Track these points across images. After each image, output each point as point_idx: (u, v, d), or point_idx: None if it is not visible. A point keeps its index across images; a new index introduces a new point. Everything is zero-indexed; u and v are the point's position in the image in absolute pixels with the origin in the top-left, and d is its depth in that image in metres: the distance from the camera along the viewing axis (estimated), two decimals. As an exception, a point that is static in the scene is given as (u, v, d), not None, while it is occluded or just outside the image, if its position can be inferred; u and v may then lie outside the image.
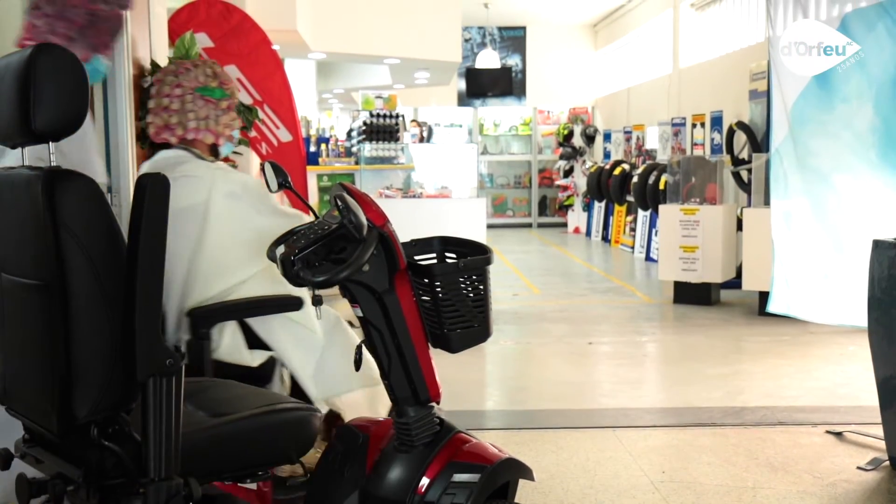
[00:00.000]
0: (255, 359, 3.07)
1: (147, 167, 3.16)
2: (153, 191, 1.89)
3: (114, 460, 1.94)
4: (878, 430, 4.04)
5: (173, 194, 2.01)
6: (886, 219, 4.44)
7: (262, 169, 2.76)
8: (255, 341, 3.07)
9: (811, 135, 4.77)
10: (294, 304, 3.05)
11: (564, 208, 16.61)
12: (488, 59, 17.09)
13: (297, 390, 3.14)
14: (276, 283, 2.90)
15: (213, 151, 3.19)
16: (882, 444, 4.02)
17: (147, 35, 4.02)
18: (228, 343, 3.01)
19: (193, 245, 2.97)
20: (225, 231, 3.00)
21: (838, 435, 4.41)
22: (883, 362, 3.90)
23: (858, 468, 3.95)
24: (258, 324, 3.07)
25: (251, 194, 3.07)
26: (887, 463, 3.95)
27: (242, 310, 3.03)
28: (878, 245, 3.92)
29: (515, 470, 2.61)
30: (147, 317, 1.87)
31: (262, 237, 2.85)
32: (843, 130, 4.63)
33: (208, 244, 2.98)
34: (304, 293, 3.03)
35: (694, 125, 11.59)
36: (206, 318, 2.92)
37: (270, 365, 3.13)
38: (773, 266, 4.92)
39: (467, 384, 5.56)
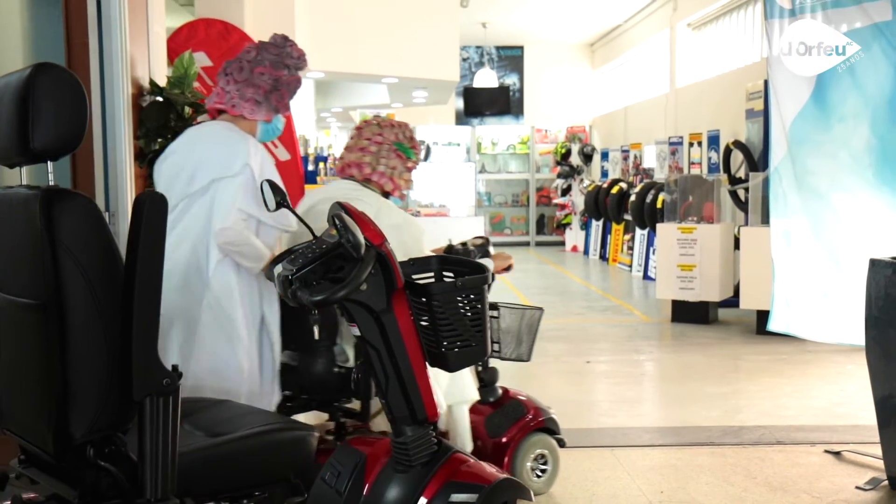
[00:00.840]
0: None
1: (324, 192, 3.63)
2: (151, 209, 1.89)
3: (110, 481, 1.93)
4: (877, 450, 4.03)
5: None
6: (883, 237, 4.45)
7: (261, 188, 2.77)
8: None
9: (809, 154, 4.79)
10: None
11: (562, 227, 16.62)
12: (486, 79, 17.17)
13: None
14: None
15: (384, 196, 3.56)
16: (880, 464, 4.00)
17: (146, 54, 4.04)
18: None
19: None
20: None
21: (837, 454, 4.40)
22: (881, 381, 3.89)
23: (857, 488, 3.93)
24: None
25: (410, 230, 3.47)
26: (886, 483, 3.93)
27: None
28: (874, 264, 3.92)
29: (513, 490, 2.60)
30: (144, 336, 1.87)
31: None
32: (841, 150, 4.65)
33: None
34: None
35: (691, 144, 11.63)
36: None
37: None
38: (774, 285, 4.92)
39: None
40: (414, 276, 2.73)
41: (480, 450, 3.65)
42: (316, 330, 2.54)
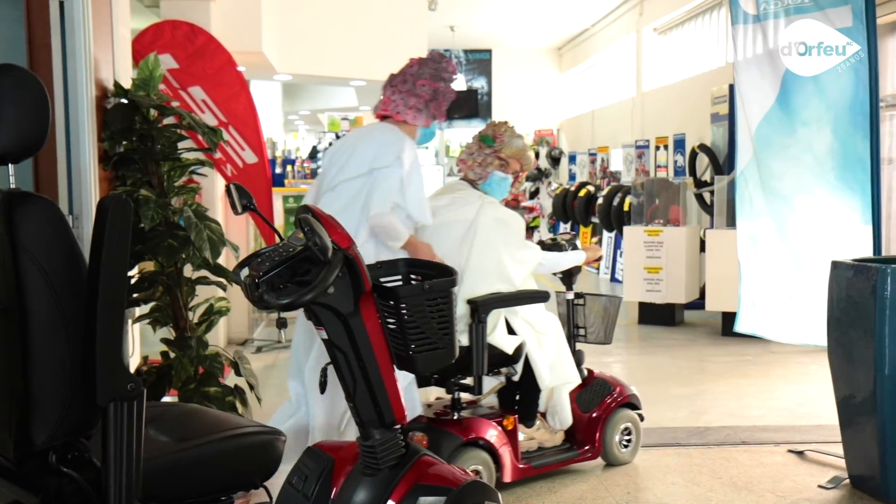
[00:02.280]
0: (511, 345, 3.83)
1: (441, 188, 4.22)
2: (115, 213, 1.87)
3: (73, 487, 1.91)
4: (839, 449, 4.09)
5: (450, 206, 3.77)
6: (845, 240, 4.51)
7: (227, 191, 2.76)
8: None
9: (774, 158, 4.83)
10: (543, 296, 3.95)
11: (530, 230, 16.67)
12: (454, 82, 17.20)
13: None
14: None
15: (473, 186, 4.14)
16: (842, 463, 4.06)
17: (110, 56, 4.00)
18: (494, 329, 3.77)
19: (459, 247, 3.85)
20: (489, 242, 3.86)
21: (800, 454, 4.45)
22: (842, 382, 3.95)
23: (819, 486, 3.99)
24: (511, 315, 3.87)
25: (513, 226, 4.00)
26: (847, 481, 3.99)
27: (506, 300, 3.81)
28: (836, 266, 3.98)
29: (481, 492, 2.61)
30: (108, 341, 1.85)
31: (512, 258, 3.89)
32: (804, 154, 4.70)
33: (476, 249, 3.85)
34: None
35: (657, 147, 11.73)
36: (482, 306, 3.67)
37: (519, 352, 3.89)
38: (740, 286, 4.97)
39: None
40: (381, 279, 2.73)
41: (574, 424, 4.14)
42: (282, 333, 2.53)
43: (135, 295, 3.80)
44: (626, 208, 10.87)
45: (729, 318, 5.85)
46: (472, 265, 3.84)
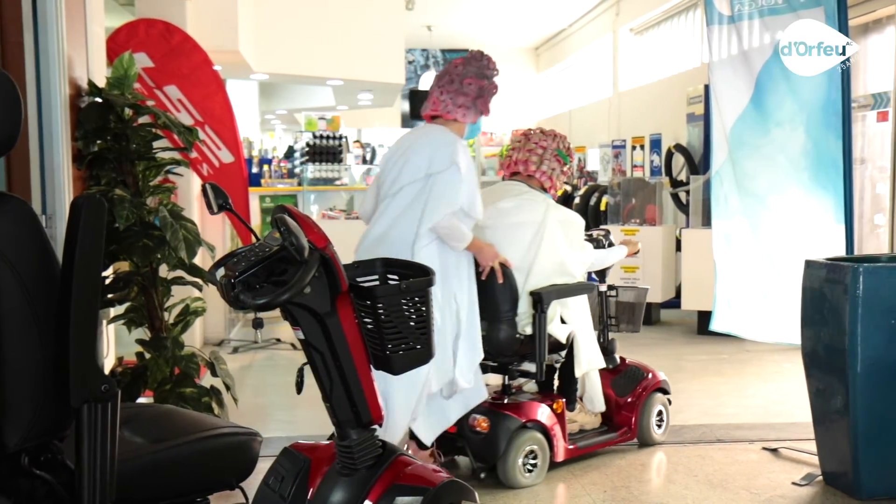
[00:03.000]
0: (564, 334, 4.18)
1: (502, 191, 4.34)
2: (89, 212, 1.85)
3: (45, 489, 1.89)
4: (812, 446, 4.13)
5: (518, 209, 4.12)
6: (818, 239, 4.56)
7: (203, 190, 2.75)
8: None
9: (748, 157, 4.87)
10: (592, 288, 4.42)
11: (507, 229, 16.71)
12: (432, 81, 17.19)
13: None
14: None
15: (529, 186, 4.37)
16: (815, 460, 4.10)
17: (84, 54, 3.97)
18: (551, 320, 4.10)
19: (528, 247, 4.14)
20: (555, 242, 4.18)
21: (774, 451, 4.49)
22: (816, 379, 3.99)
23: (793, 483, 4.03)
24: (562, 307, 4.18)
25: (575, 226, 4.31)
26: (820, 478, 4.03)
27: (563, 291, 4.15)
28: (809, 265, 4.02)
29: (458, 492, 2.61)
30: (82, 341, 1.83)
31: (574, 255, 4.26)
32: (778, 154, 4.74)
33: (543, 249, 4.14)
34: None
35: (634, 147, 11.79)
36: (544, 297, 4.01)
37: (567, 340, 4.21)
38: (716, 285, 5.01)
39: (411, 406, 5.54)
40: (358, 279, 2.72)
41: (611, 408, 4.49)
42: (259, 333, 2.52)
43: (109, 295, 3.78)
44: (602, 208, 10.91)
45: (704, 317, 5.89)
46: (539, 263, 4.14)
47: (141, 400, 3.86)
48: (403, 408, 3.69)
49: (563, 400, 4.21)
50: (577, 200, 12.29)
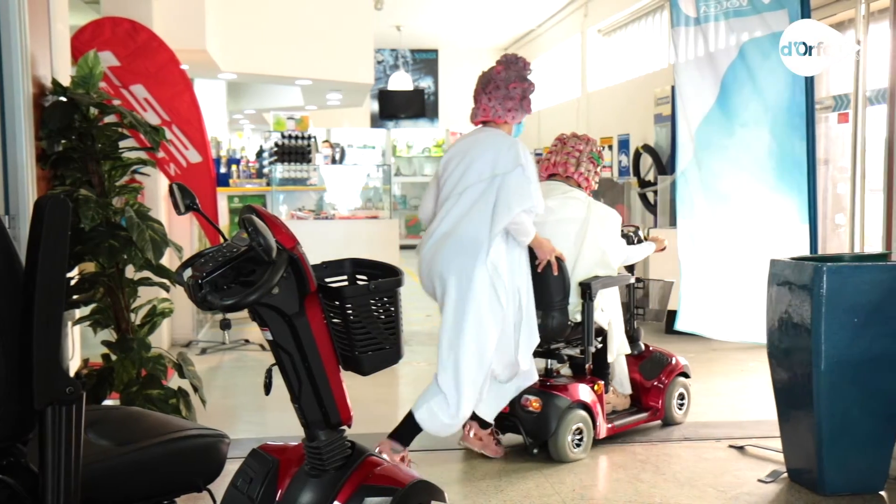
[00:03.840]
0: (605, 321, 4.60)
1: (547, 189, 4.54)
2: (53, 212, 1.83)
3: (8, 493, 1.86)
4: (778, 444, 4.18)
5: (563, 206, 4.52)
6: (783, 239, 4.61)
7: (170, 190, 2.72)
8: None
9: (714, 158, 4.91)
10: (629, 278, 4.86)
11: (477, 229, 16.74)
12: (401, 81, 17.18)
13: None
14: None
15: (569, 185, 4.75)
16: (781, 457, 4.15)
17: (48, 53, 3.93)
18: (595, 308, 4.48)
19: (574, 241, 4.51)
20: (597, 236, 4.55)
21: (740, 449, 4.54)
22: (781, 378, 4.04)
23: (759, 480, 4.07)
24: (599, 296, 4.50)
25: (614, 222, 4.66)
26: (786, 475, 4.08)
27: (607, 282, 4.56)
28: (774, 264, 4.07)
29: (427, 492, 2.61)
30: (45, 343, 1.81)
31: (613, 249, 4.63)
32: (743, 154, 4.79)
33: (587, 243, 4.52)
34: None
35: (602, 148, 11.84)
36: (592, 286, 4.41)
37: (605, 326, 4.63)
38: (681, 285, 5.05)
39: (380, 406, 5.53)
40: (327, 280, 2.71)
41: (638, 390, 4.91)
42: (226, 335, 2.51)
43: (75, 296, 3.73)
44: (571, 208, 10.97)
45: (671, 317, 5.94)
46: (583, 256, 4.53)
47: (107, 402, 3.82)
48: (472, 390, 4.07)
49: (602, 382, 4.61)
50: (546, 200, 12.37)
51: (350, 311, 2.55)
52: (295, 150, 10.05)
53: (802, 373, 3.84)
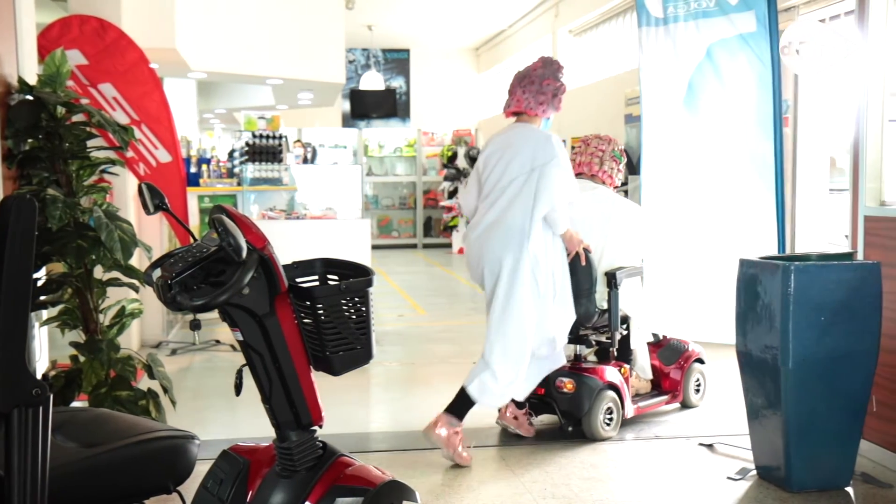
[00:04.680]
0: (628, 308, 4.94)
1: (587, 184, 5.05)
2: (18, 212, 1.81)
3: (-26, 497, 1.84)
4: (746, 441, 4.22)
5: (590, 202, 4.92)
6: (752, 238, 4.66)
7: (139, 190, 2.70)
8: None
9: (679, 158, 4.94)
10: (641, 271, 5.09)
11: (449, 229, 16.76)
12: (372, 81, 17.15)
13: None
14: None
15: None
16: (750, 455, 4.19)
17: (14, 51, 3.88)
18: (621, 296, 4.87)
19: (600, 234, 4.86)
20: (621, 230, 4.96)
21: (710, 447, 4.58)
22: (749, 376, 4.08)
23: (728, 478, 4.11)
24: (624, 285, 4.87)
25: (636, 216, 5.07)
26: (754, 472, 4.12)
27: (632, 273, 4.93)
28: (743, 264, 4.11)
29: (399, 492, 2.61)
30: (11, 344, 1.79)
31: (635, 241, 5.01)
32: (710, 154, 4.82)
33: (612, 236, 4.91)
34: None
35: (573, 147, 11.88)
36: (617, 275, 4.79)
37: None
38: (645, 286, 5.07)
39: (351, 406, 5.53)
40: (298, 280, 2.71)
41: (658, 375, 5.27)
42: (196, 335, 2.49)
43: (42, 297, 3.69)
44: (543, 208, 11.01)
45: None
46: (609, 247, 4.89)
47: (75, 404, 3.78)
48: (518, 366, 4.41)
49: (628, 366, 4.98)
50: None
51: (321, 312, 2.54)
52: (266, 150, 10.00)
53: (770, 371, 3.89)
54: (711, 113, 4.76)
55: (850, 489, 3.93)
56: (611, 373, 4.82)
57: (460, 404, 4.42)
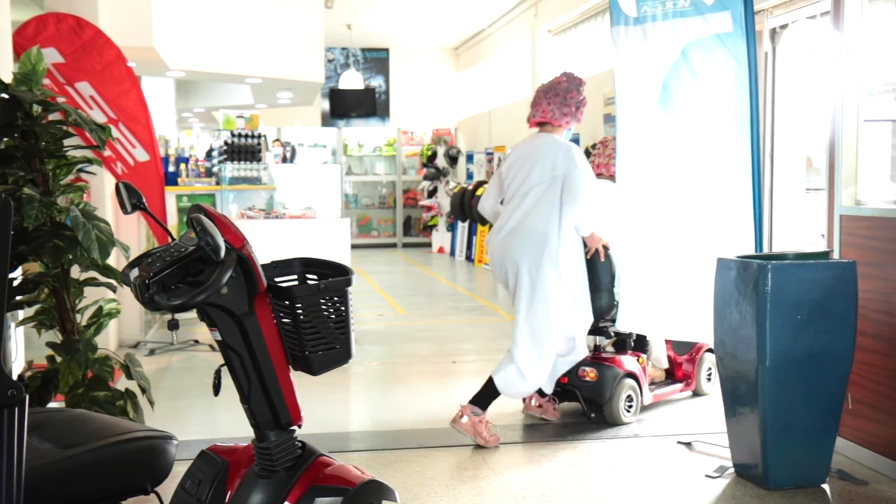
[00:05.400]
0: None
1: (608, 184, 5.32)
2: (-6, 213, 1.80)
3: (-51, 499, 1.83)
4: (724, 439, 4.25)
5: (612, 199, 5.12)
6: (729, 238, 4.68)
7: (117, 189, 2.69)
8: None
9: (655, 158, 4.94)
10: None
11: (429, 228, 16.75)
12: (352, 80, 17.11)
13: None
14: None
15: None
16: (727, 452, 4.22)
17: (-11, 49, 3.84)
18: None
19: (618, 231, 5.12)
20: None
21: (688, 445, 4.61)
22: (727, 374, 4.11)
23: (706, 476, 4.14)
24: None
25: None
26: (732, 470, 4.15)
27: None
28: (721, 263, 4.14)
29: (379, 492, 2.61)
30: (-13, 345, 1.78)
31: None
32: (686, 153, 4.82)
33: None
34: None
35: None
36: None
37: None
38: (618, 284, 5.08)
39: (331, 406, 5.52)
40: (276, 279, 2.70)
41: (672, 365, 5.58)
42: (175, 335, 2.48)
43: (18, 297, 3.66)
44: (522, 207, 11.03)
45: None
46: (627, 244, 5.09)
47: (52, 405, 3.75)
48: (543, 362, 4.75)
49: (644, 356, 5.29)
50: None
51: (300, 311, 2.54)
52: (245, 149, 9.96)
53: (748, 369, 3.92)
54: (687, 113, 4.77)
55: (826, 486, 3.97)
56: (629, 362, 5.11)
57: (485, 395, 4.72)
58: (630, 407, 5.03)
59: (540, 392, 5.07)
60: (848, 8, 4.41)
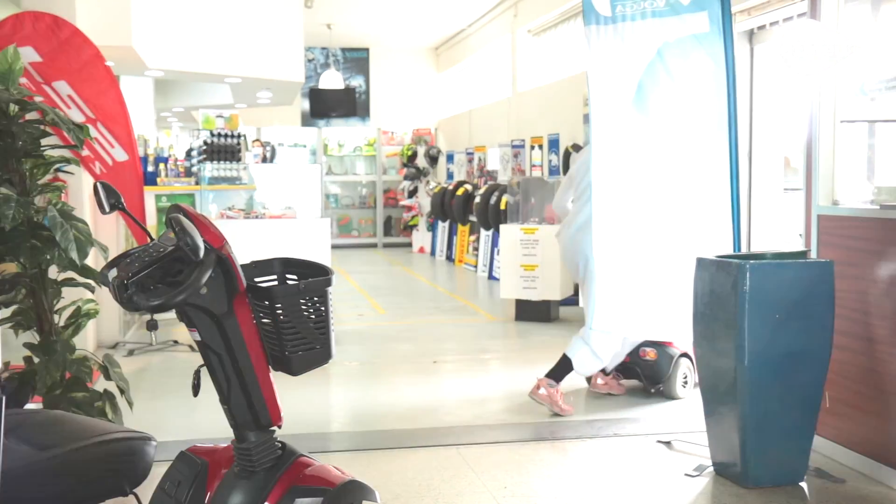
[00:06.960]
0: None
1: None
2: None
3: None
4: (703, 438, 4.28)
5: None
6: (707, 237, 4.70)
7: (95, 189, 2.67)
8: None
9: (630, 158, 4.93)
10: None
11: (409, 228, 16.75)
12: (332, 80, 17.08)
13: None
14: None
15: None
16: (707, 451, 4.25)
17: (-35, 47, 3.80)
18: None
19: None
20: None
21: (668, 444, 4.63)
22: (706, 373, 4.13)
23: (686, 475, 4.16)
24: None
25: None
26: (711, 469, 4.18)
27: None
28: (700, 263, 4.16)
29: (359, 492, 2.60)
30: (-36, 346, 1.76)
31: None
32: (664, 153, 4.83)
33: None
34: None
35: (532, 147, 11.96)
36: None
37: None
38: (593, 284, 5.07)
39: (311, 406, 5.50)
40: (256, 279, 2.69)
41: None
42: (154, 336, 2.47)
43: (-6, 298, 3.63)
44: (502, 207, 11.06)
45: (601, 314, 6.08)
46: None
47: (30, 406, 3.72)
48: (612, 344, 5.24)
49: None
50: (477, 200, 12.43)
51: (280, 311, 2.53)
52: (224, 149, 9.92)
53: (727, 368, 3.94)
54: (663, 113, 4.77)
55: (804, 484, 4.00)
56: (684, 345, 5.52)
57: (560, 369, 5.27)
58: (686, 384, 5.53)
59: (602, 370, 5.52)
60: (824, 8, 4.44)
